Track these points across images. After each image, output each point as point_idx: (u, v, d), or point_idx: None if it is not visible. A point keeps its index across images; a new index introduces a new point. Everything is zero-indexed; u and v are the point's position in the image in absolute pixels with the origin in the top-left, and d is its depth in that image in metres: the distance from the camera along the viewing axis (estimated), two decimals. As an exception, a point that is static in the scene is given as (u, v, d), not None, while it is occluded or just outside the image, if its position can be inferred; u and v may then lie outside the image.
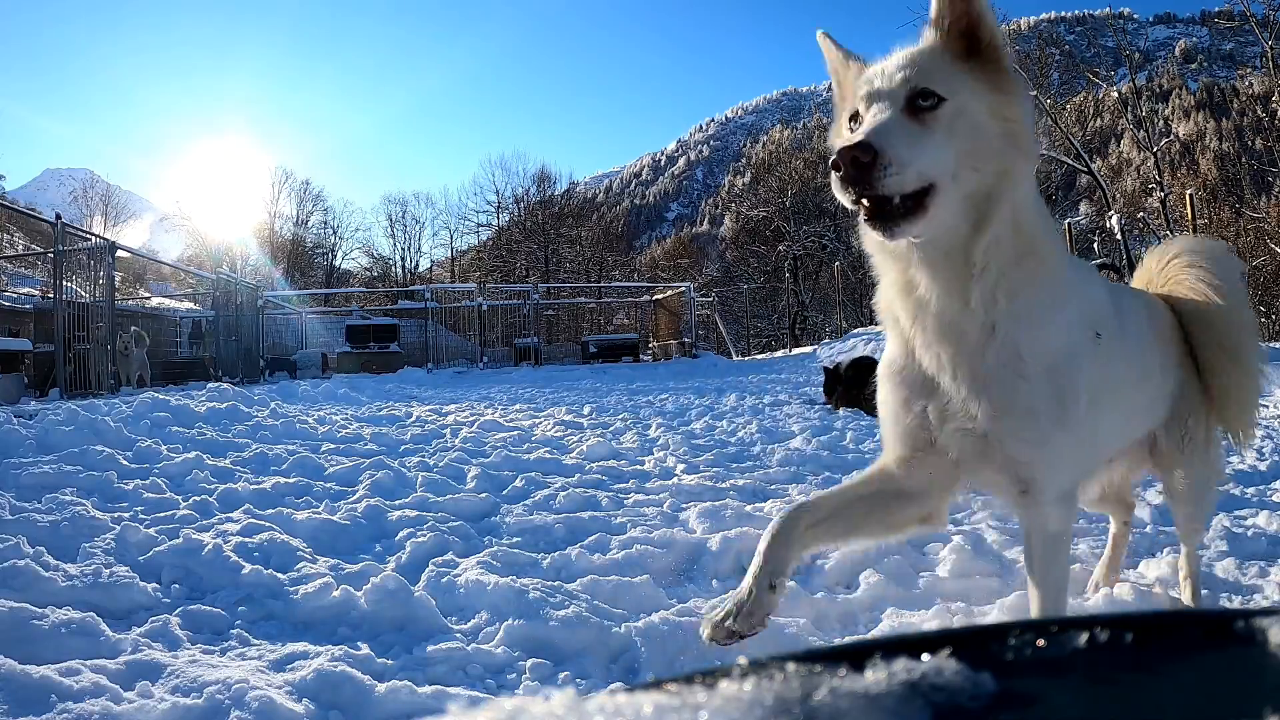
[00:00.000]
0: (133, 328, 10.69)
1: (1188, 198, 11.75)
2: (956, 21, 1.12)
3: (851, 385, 5.59)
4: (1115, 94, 22.80)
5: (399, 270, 43.37)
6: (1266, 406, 5.12)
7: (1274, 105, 18.39)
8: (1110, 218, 16.00)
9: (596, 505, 2.73)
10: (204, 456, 3.41)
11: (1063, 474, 1.23)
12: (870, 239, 1.16)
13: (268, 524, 2.31)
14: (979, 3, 1.10)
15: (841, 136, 1.15)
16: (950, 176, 1.07)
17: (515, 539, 2.32)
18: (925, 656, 0.31)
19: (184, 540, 2.15)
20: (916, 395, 1.26)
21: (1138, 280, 1.83)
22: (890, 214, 1.05)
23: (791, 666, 0.31)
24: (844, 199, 1.05)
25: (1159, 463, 1.66)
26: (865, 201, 1.04)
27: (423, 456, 3.71)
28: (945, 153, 1.07)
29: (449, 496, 2.75)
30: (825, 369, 6.27)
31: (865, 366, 5.48)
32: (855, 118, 1.14)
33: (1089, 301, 1.28)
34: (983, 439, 1.19)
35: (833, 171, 1.04)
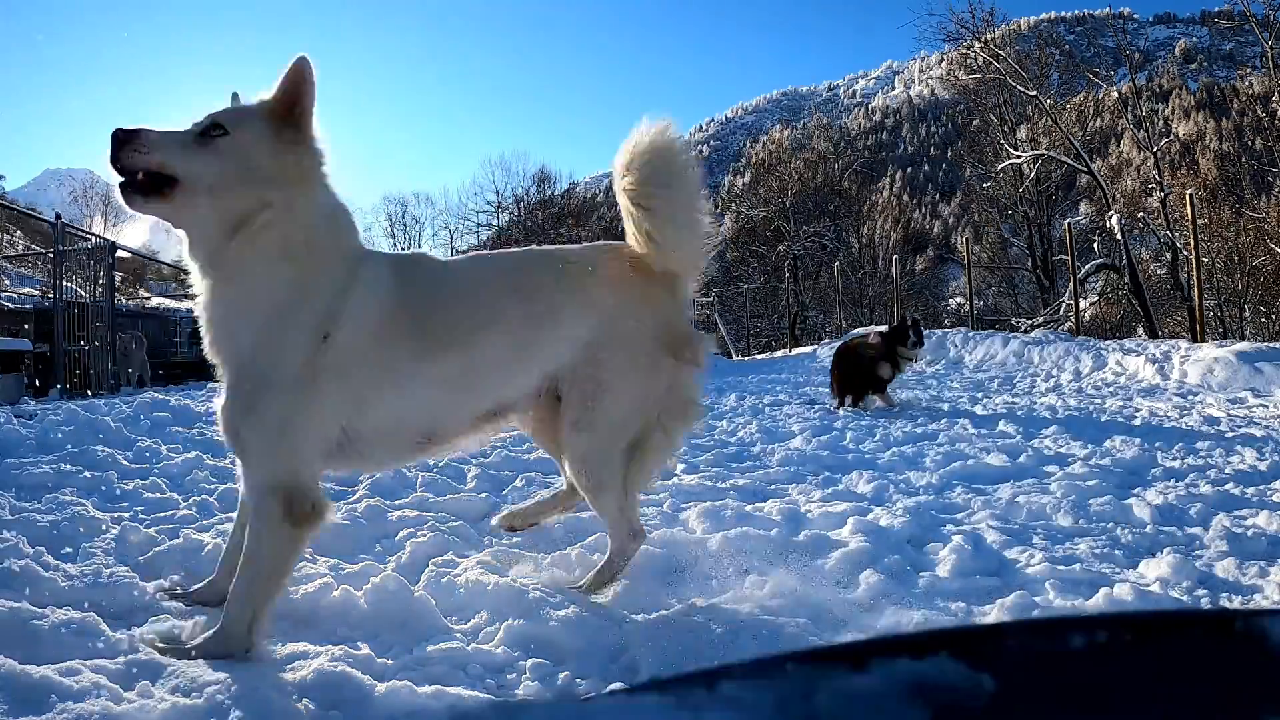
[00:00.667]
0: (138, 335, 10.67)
1: (1188, 198, 11.75)
2: (281, 95, 1.52)
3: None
4: (1115, 94, 22.80)
5: (399, 270, 43.30)
6: (1266, 406, 5.12)
7: (1274, 105, 18.39)
8: (1110, 218, 16.01)
9: (596, 505, 2.73)
10: (204, 456, 3.41)
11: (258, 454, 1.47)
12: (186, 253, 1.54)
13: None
14: (294, 86, 1.51)
15: None
16: (206, 185, 1.44)
17: (515, 539, 2.32)
18: (925, 656, 0.31)
19: (184, 540, 2.14)
20: None
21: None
22: (131, 186, 1.44)
23: (791, 666, 0.31)
24: (113, 172, 1.43)
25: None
26: (121, 175, 1.43)
27: (423, 456, 3.71)
28: (205, 165, 1.44)
29: (449, 496, 2.75)
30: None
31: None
32: None
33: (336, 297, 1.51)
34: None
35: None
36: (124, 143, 1.40)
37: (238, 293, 1.47)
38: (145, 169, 1.42)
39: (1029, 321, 17.79)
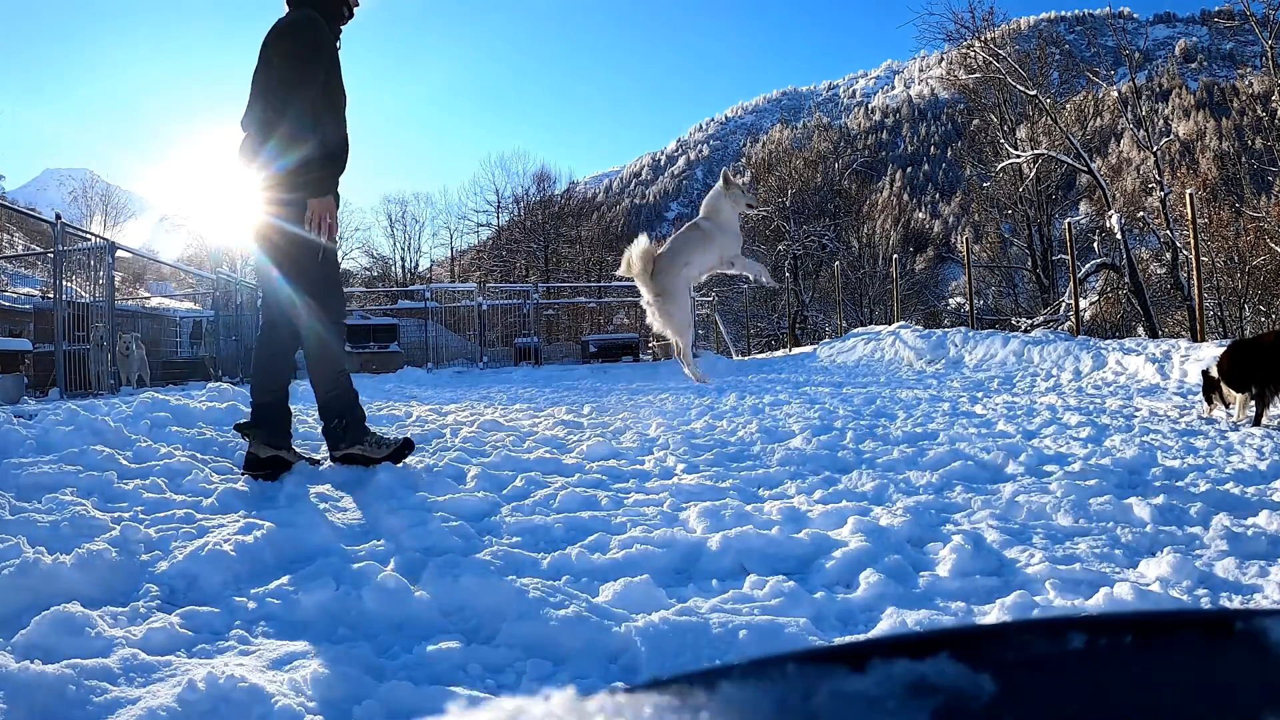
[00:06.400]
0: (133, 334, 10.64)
1: (1188, 197, 11.75)
2: None
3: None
4: (1115, 93, 22.81)
5: (399, 270, 43.34)
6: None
7: (1274, 104, 18.39)
8: (1110, 217, 16.01)
9: (596, 505, 2.73)
10: (204, 456, 3.40)
11: None
12: None
13: (268, 523, 2.31)
14: None
15: None
16: None
17: (515, 539, 2.32)
18: (925, 656, 0.31)
19: (184, 540, 2.15)
20: None
21: None
22: None
23: (791, 666, 0.30)
24: None
25: None
26: None
27: (423, 456, 3.71)
28: None
29: (449, 496, 2.75)
30: (1204, 373, 5.20)
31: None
32: None
33: None
34: None
35: None
36: None
37: None
38: None
39: (1029, 321, 17.79)
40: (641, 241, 3.83)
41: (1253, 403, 4.75)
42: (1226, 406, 5.01)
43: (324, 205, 2.86)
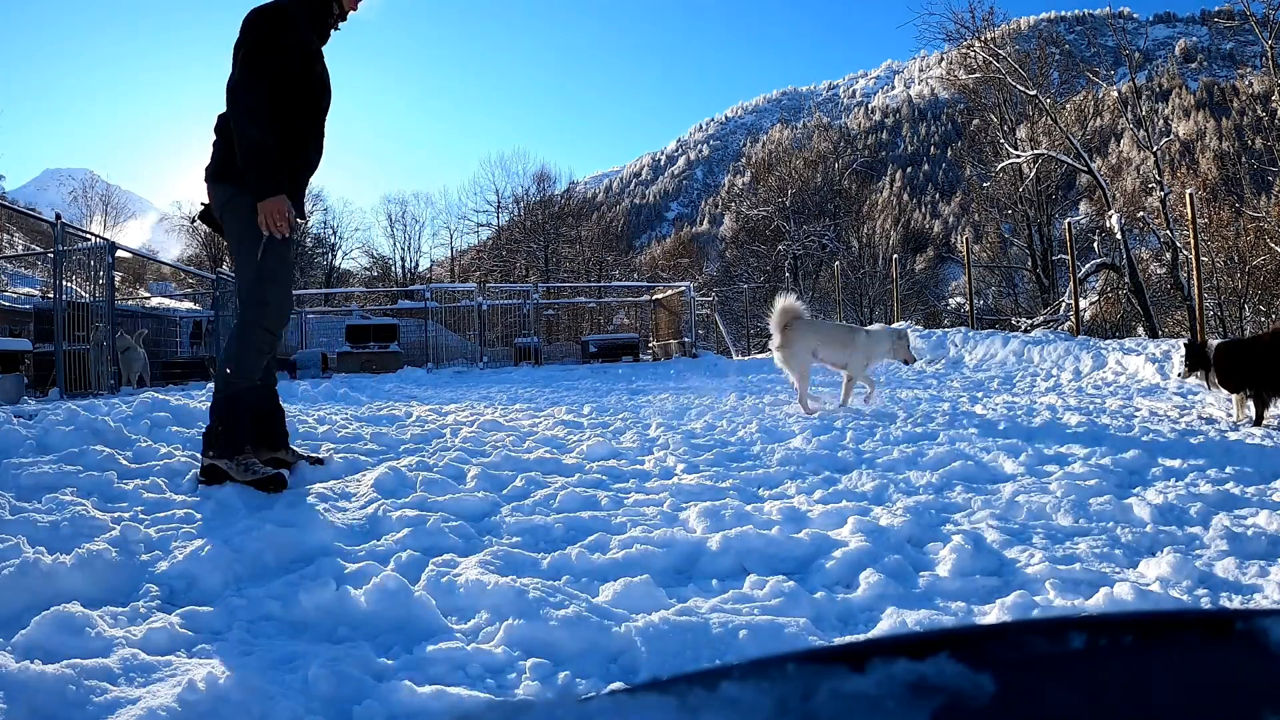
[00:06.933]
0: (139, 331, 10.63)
1: (1188, 197, 11.75)
2: None
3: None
4: (1115, 93, 22.81)
5: (399, 270, 43.35)
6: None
7: (1274, 104, 18.39)
8: (1110, 217, 16.02)
9: (596, 505, 2.73)
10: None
11: None
12: None
13: (268, 524, 2.31)
14: None
15: None
16: None
17: (515, 539, 2.32)
18: (925, 656, 0.31)
19: (183, 540, 2.15)
20: None
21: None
22: None
23: (791, 666, 0.30)
24: None
25: None
26: None
27: (423, 456, 3.71)
28: None
29: (449, 496, 2.75)
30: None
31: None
32: None
33: None
34: None
35: None
36: None
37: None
38: None
39: (1029, 321, 17.80)
40: (789, 302, 5.28)
41: (1251, 403, 4.76)
42: (1210, 389, 5.19)
43: (272, 205, 2.76)
